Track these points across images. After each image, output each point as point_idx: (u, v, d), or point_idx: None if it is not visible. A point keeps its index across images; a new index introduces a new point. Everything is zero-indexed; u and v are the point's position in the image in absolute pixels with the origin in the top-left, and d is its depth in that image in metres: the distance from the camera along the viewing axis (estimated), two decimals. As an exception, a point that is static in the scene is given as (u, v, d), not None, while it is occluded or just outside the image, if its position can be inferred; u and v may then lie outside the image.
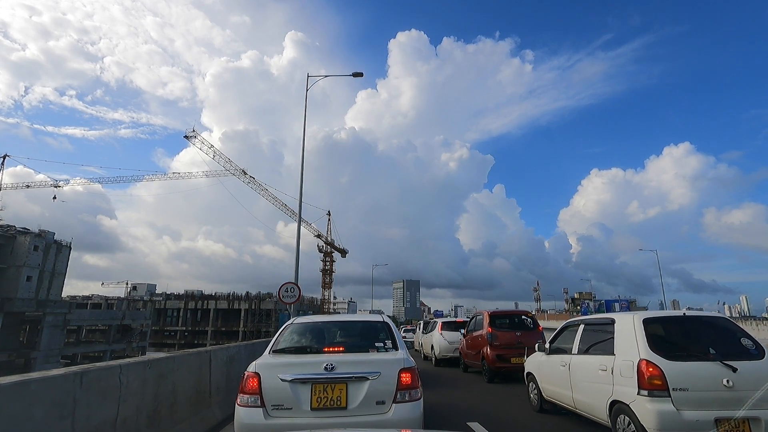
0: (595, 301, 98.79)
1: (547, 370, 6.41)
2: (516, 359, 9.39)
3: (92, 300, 77.05)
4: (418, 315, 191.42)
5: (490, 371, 9.67)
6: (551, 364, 6.25)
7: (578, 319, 6.12)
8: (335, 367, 3.72)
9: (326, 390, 3.67)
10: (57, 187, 68.35)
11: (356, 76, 20.20)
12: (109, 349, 52.14)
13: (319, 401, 3.63)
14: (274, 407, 3.64)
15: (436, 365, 13.99)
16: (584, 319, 5.93)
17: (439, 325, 14.48)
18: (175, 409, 4.76)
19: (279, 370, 3.76)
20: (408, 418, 3.62)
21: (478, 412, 6.79)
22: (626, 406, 4.26)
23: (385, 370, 3.77)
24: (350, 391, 3.67)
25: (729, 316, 5.51)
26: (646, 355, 4.21)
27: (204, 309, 73.75)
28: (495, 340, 9.77)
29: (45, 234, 46.10)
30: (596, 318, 5.75)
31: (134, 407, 3.93)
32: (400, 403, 3.67)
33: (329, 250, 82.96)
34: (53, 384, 3.03)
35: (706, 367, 4.07)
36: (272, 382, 3.69)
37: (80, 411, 3.21)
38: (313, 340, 4.64)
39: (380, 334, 4.56)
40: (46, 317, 42.64)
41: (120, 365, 3.82)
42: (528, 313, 10.78)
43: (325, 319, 5.29)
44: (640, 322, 4.53)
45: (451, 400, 7.79)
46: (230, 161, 70.13)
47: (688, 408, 3.92)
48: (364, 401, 3.64)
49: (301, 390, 3.66)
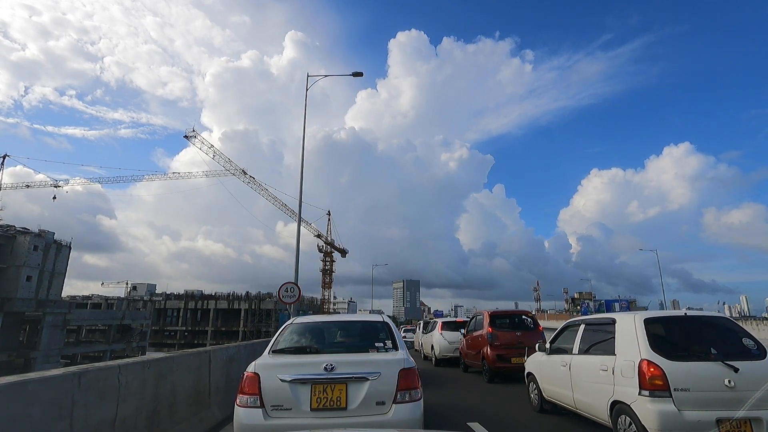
0: (595, 301, 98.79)
1: (547, 370, 6.39)
2: (516, 359, 9.37)
3: (92, 300, 76.93)
4: (418, 315, 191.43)
5: (490, 371, 9.65)
6: (552, 364, 6.24)
7: (579, 319, 6.11)
8: (335, 368, 3.70)
9: (326, 390, 3.64)
10: (57, 186, 68.35)
11: (356, 75, 20.19)
12: (109, 349, 52.11)
13: (318, 402, 3.61)
14: (274, 408, 3.62)
15: (436, 365, 13.98)
16: (585, 319, 5.92)
17: (439, 324, 14.47)
18: (175, 410, 4.74)
19: (278, 370, 3.74)
20: (408, 418, 3.60)
21: (479, 412, 6.77)
22: (627, 406, 4.25)
23: (385, 371, 3.75)
24: (350, 392, 3.65)
25: (730, 316, 5.50)
26: (648, 355, 4.19)
27: (204, 309, 73.80)
28: (495, 340, 9.75)
29: (45, 234, 46.08)
30: (597, 318, 5.74)
31: (133, 407, 3.91)
32: (401, 403, 3.65)
33: (329, 250, 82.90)
34: (51, 384, 3.01)
35: (707, 367, 4.05)
36: (272, 383, 3.67)
37: (78, 411, 3.20)
38: (313, 341, 4.63)
39: (380, 334, 4.54)
40: (45, 317, 42.62)
41: (119, 365, 3.80)
42: (528, 313, 10.77)
43: (325, 319, 5.27)
44: (641, 322, 4.52)
45: (451, 400, 7.78)
46: (230, 161, 70.11)
47: (690, 408, 3.91)
48: (364, 402, 3.62)
49: (301, 390, 3.64)
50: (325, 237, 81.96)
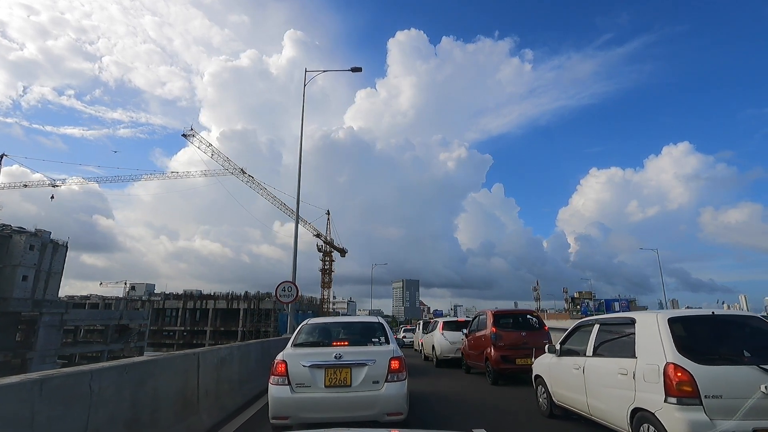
0: (595, 300, 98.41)
1: (558, 373, 6.04)
2: (521, 360, 9.01)
3: (90, 300, 76.66)
4: (418, 314, 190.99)
5: (494, 373, 9.25)
6: (563, 367, 5.88)
7: (592, 318, 5.74)
8: (342, 356, 4.96)
9: (336, 373, 4.91)
10: (54, 186, 68.06)
11: (355, 71, 19.83)
12: (106, 349, 51.70)
13: (330, 381, 4.89)
14: (298, 385, 4.88)
15: (437, 366, 13.61)
16: (599, 319, 5.55)
17: (440, 324, 14.10)
18: (157, 417, 4.37)
19: (300, 358, 5.01)
20: (396, 393, 4.90)
21: (483, 416, 6.41)
22: (651, 414, 3.88)
23: (379, 359, 5.03)
24: (353, 374, 4.92)
25: (764, 315, 5.11)
26: (674, 359, 3.82)
27: (203, 309, 73.34)
28: (499, 340, 9.36)
29: (41, 233, 45.66)
30: (613, 317, 5.37)
31: (107, 416, 3.54)
32: (390, 382, 4.93)
33: (328, 250, 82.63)
34: (6, 394, 2.64)
35: (740, 372, 3.68)
36: (296, 368, 4.92)
37: (40, 423, 2.82)
38: (324, 336, 5.90)
39: (376, 332, 5.86)
40: (42, 317, 42.15)
41: (91, 371, 3.43)
42: (533, 312, 10.37)
43: (333, 320, 6.95)
44: (664, 321, 4.14)
45: (453, 404, 7.41)
46: (228, 160, 69.79)
47: (723, 417, 3.53)
48: (364, 381, 4.90)
49: (317, 373, 4.91)
50: (324, 236, 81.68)
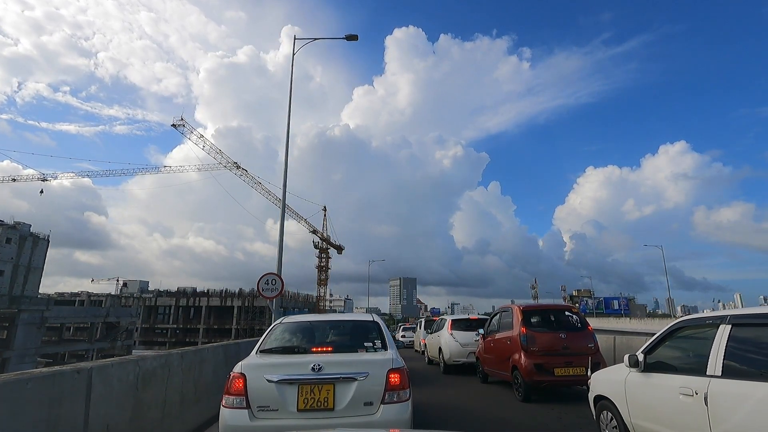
0: (594, 298, 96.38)
1: (644, 398, 4.02)
2: (562, 370, 6.94)
3: (80, 297, 74.74)
4: (415, 312, 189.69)
5: (526, 386, 7.13)
6: (654, 389, 3.89)
7: (711, 315, 3.68)
8: (323, 368, 3.64)
9: (313, 391, 3.59)
10: (44, 180, 65.97)
11: (350, 39, 17.79)
12: (92, 348, 49.45)
13: (305, 402, 3.56)
14: (260, 408, 3.56)
15: (445, 372, 11.55)
16: (727, 315, 3.47)
17: (449, 323, 12.01)
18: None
19: (265, 370, 3.69)
20: (396, 419, 3.56)
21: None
22: None
23: (374, 371, 3.70)
24: (338, 392, 3.60)
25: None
26: None
27: (196, 306, 71.78)
28: (532, 344, 7.25)
29: (20, 226, 43.25)
30: (753, 313, 3.31)
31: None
32: (389, 404, 3.60)
33: (325, 247, 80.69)
34: None
35: None
36: (258, 383, 3.61)
37: None
38: (302, 340, 4.57)
39: (370, 333, 4.50)
40: (20, 314, 39.79)
41: None
42: (573, 308, 8.21)
43: (315, 319, 5.24)
44: None
45: (473, 427, 5.36)
46: (221, 152, 67.71)
47: None
48: (352, 402, 3.58)
49: (288, 391, 3.59)
50: (321, 233, 79.74)
